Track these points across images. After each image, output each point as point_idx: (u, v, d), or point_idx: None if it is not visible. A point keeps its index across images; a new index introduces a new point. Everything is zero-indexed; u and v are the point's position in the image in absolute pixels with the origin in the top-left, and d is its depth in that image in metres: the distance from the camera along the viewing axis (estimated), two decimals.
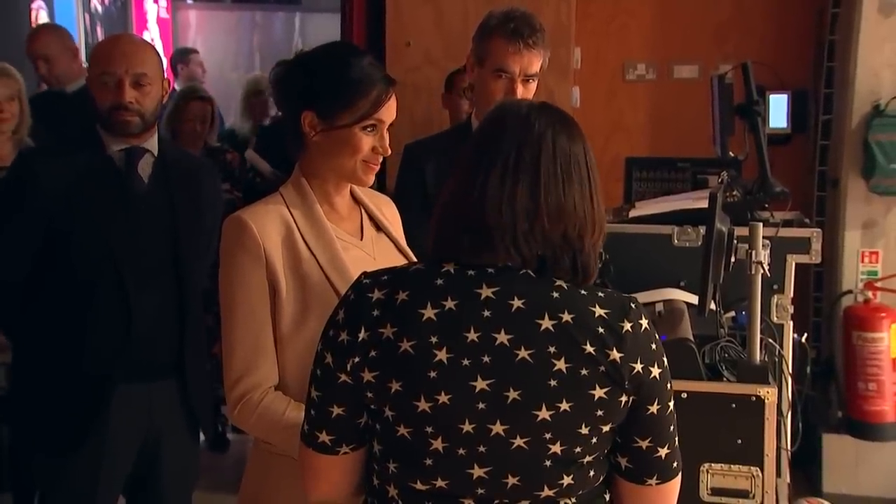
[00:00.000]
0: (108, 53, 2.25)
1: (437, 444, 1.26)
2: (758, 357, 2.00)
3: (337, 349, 1.30)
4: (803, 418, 2.36)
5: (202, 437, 2.60)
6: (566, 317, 1.24)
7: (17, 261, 2.27)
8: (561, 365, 1.22)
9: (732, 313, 2.28)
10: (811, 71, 4.10)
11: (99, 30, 6.50)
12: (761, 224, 2.02)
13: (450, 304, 1.26)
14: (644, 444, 1.30)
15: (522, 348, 1.23)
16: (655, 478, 1.32)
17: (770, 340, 2.17)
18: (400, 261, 1.79)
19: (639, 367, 1.25)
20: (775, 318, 2.35)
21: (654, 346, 1.28)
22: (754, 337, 1.99)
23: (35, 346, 2.32)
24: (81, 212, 2.23)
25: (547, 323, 1.23)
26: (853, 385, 3.66)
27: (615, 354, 1.24)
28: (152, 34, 7.19)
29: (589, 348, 1.23)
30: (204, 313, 2.46)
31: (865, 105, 3.77)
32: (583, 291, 1.27)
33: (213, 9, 8.14)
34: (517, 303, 1.25)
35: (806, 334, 2.58)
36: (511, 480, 1.26)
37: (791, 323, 2.39)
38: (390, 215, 1.88)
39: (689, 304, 2.25)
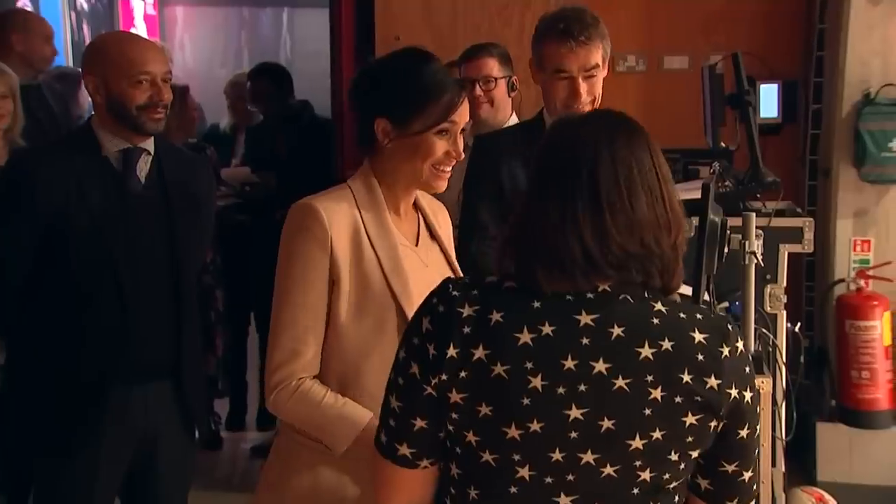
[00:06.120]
0: (142, 54, 2.26)
1: (524, 473, 1.23)
2: (752, 347, 2.00)
3: (424, 361, 1.25)
4: (797, 407, 2.36)
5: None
6: (666, 344, 1.21)
7: (14, 263, 2.25)
8: (657, 394, 1.20)
9: (726, 304, 2.28)
10: (801, 60, 4.10)
11: (85, 28, 6.46)
12: (754, 214, 2.02)
13: (547, 329, 1.21)
14: (731, 468, 1.28)
15: (620, 377, 1.20)
16: (736, 501, 1.31)
17: (764, 330, 2.17)
18: (447, 271, 1.80)
19: (735, 392, 1.23)
20: (769, 308, 2.36)
21: (747, 370, 1.26)
22: (748, 327, 2.00)
23: (31, 347, 2.31)
24: (79, 214, 2.21)
25: (647, 351, 1.20)
26: (846, 373, 3.67)
27: (713, 381, 1.21)
28: (139, 32, 7.14)
29: (686, 377, 1.20)
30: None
31: (855, 93, 3.77)
32: (682, 315, 1.24)
33: (201, 5, 8.09)
34: (617, 330, 1.21)
35: (799, 323, 2.58)
36: None
37: (784, 312, 2.40)
38: (443, 222, 1.88)
39: (682, 296, 2.24)
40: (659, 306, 1.24)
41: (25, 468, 2.47)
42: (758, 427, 1.29)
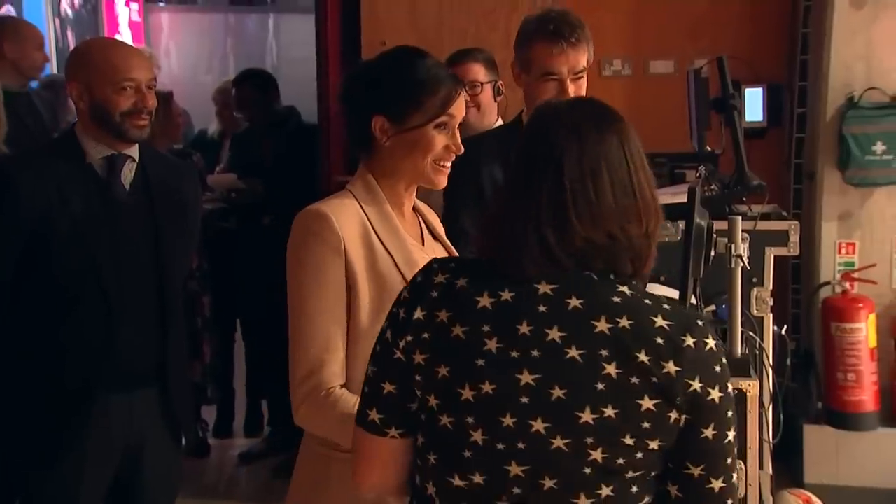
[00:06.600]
0: (126, 60, 2.26)
1: (477, 437, 1.25)
2: (739, 350, 2.00)
3: (395, 325, 1.31)
4: (784, 410, 2.36)
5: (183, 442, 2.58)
6: (624, 322, 1.21)
7: None
8: (611, 370, 1.20)
9: (713, 307, 2.28)
10: (786, 64, 4.12)
11: (70, 34, 6.43)
12: (740, 217, 2.03)
13: (506, 295, 1.25)
14: (696, 471, 1.24)
15: (573, 347, 1.21)
16: None
17: (750, 333, 2.17)
18: None
19: (696, 385, 1.21)
20: (755, 311, 2.36)
21: (717, 369, 1.24)
22: (735, 330, 2.00)
23: (15, 354, 2.30)
24: (63, 222, 2.21)
25: (603, 325, 1.21)
26: (833, 376, 3.68)
27: (671, 367, 1.20)
28: (124, 38, 7.11)
29: (643, 357, 1.20)
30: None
31: (839, 97, 3.79)
32: (647, 301, 1.24)
33: (186, 11, 8.08)
34: (575, 302, 1.23)
35: (785, 326, 2.59)
36: (548, 483, 1.23)
37: (771, 315, 2.40)
38: (437, 225, 1.87)
39: (669, 299, 2.25)
40: (623, 289, 1.25)
41: (11, 475, 2.45)
42: (729, 433, 1.24)
